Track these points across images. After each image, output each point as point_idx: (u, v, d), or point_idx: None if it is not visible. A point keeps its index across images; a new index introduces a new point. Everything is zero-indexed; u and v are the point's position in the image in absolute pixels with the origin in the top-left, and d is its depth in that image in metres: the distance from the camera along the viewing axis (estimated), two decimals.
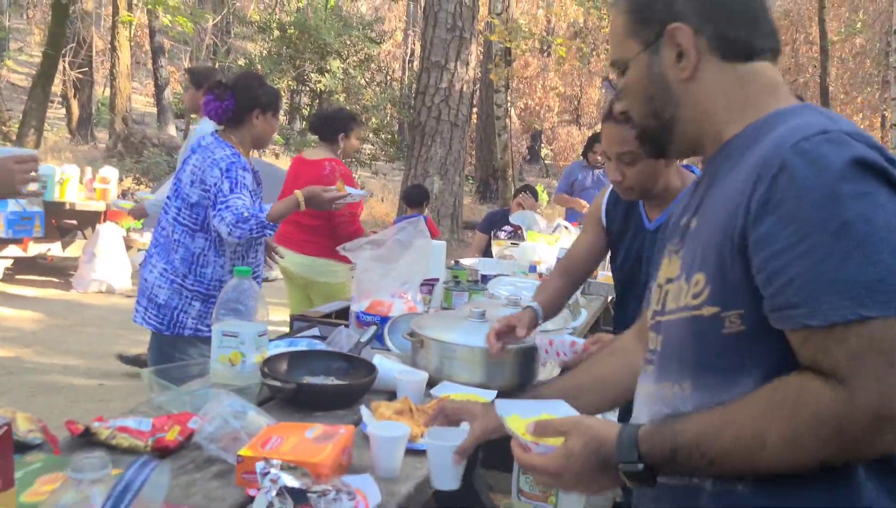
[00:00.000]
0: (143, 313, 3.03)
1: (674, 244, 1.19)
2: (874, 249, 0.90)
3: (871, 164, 0.95)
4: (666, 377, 1.14)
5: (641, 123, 1.21)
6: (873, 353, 0.90)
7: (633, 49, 1.17)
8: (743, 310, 1.01)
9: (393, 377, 2.04)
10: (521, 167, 24.61)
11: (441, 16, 10.19)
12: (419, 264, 2.82)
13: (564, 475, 1.09)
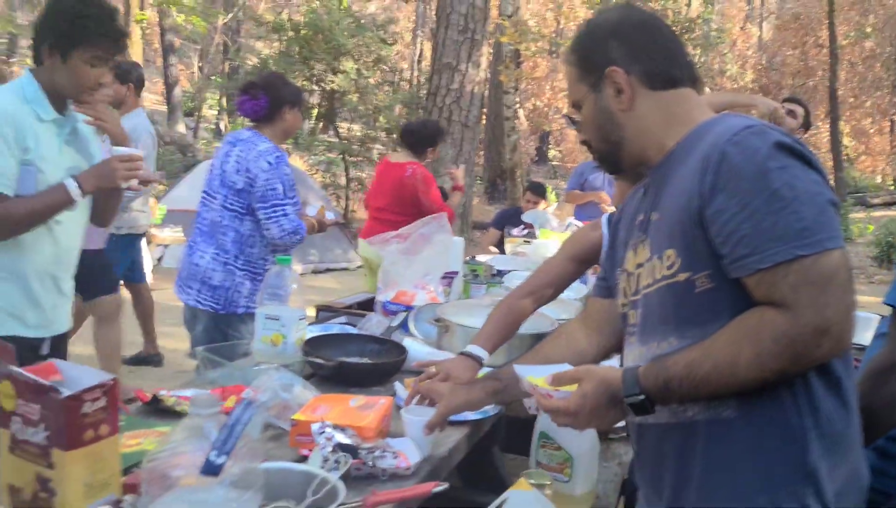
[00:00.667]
0: (197, 296, 3.26)
1: (637, 238, 1.46)
2: (799, 207, 1.20)
3: (787, 145, 1.25)
4: (651, 338, 1.40)
5: (597, 147, 1.52)
6: (808, 283, 1.18)
7: (583, 91, 1.48)
8: (709, 271, 1.28)
9: (422, 358, 2.24)
10: (529, 168, 24.76)
11: (453, 18, 10.36)
12: (440, 258, 3.01)
13: (581, 412, 1.35)
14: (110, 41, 2.22)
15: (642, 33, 1.45)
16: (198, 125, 24.67)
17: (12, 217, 2.17)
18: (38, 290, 2.29)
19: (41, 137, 2.22)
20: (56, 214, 2.24)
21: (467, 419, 1.92)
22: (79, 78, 2.21)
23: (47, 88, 2.24)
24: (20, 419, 1.26)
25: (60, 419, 1.21)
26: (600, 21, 1.52)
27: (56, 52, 2.19)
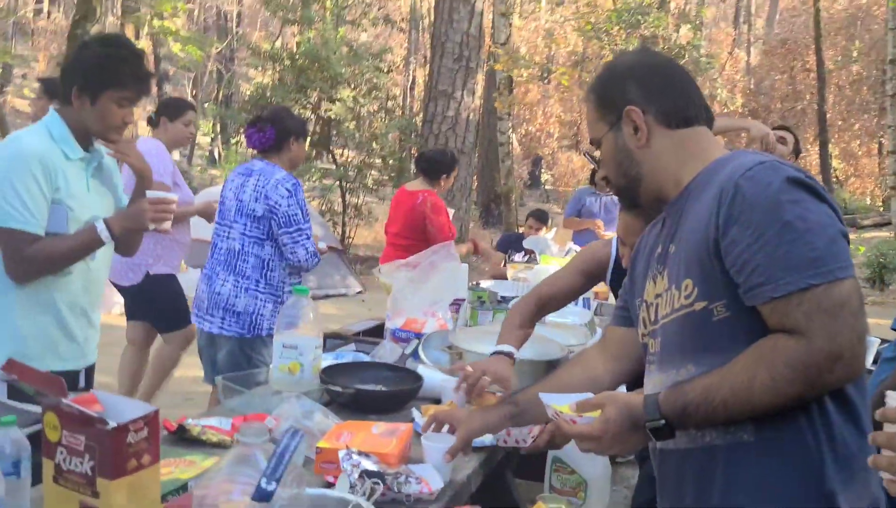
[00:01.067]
0: (221, 324, 3.35)
1: (655, 269, 1.52)
2: (811, 238, 1.26)
3: (799, 180, 1.31)
4: (670, 366, 1.44)
5: (616, 183, 1.59)
6: (820, 311, 1.24)
7: (603, 129, 1.55)
8: (726, 300, 1.33)
9: (437, 385, 2.29)
10: (523, 193, 24.91)
11: (448, 46, 10.51)
12: (449, 285, 3.07)
13: (604, 437, 1.41)
14: (139, 83, 2.27)
15: (658, 75, 1.53)
16: (192, 153, 24.79)
17: (46, 258, 2.21)
18: (72, 323, 2.33)
19: (69, 176, 2.27)
20: (86, 254, 2.29)
21: (483, 444, 1.97)
22: (107, 118, 2.26)
23: (74, 127, 2.29)
24: (65, 450, 1.30)
25: (106, 449, 1.26)
26: (619, 63, 1.61)
27: (85, 94, 2.23)
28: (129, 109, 2.29)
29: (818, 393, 1.29)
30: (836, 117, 23.99)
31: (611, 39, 14.78)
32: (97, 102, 2.24)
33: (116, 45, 2.29)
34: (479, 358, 2.39)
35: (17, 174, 2.16)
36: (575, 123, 29.76)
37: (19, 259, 2.18)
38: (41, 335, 2.26)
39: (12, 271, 2.20)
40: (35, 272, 2.23)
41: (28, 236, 2.17)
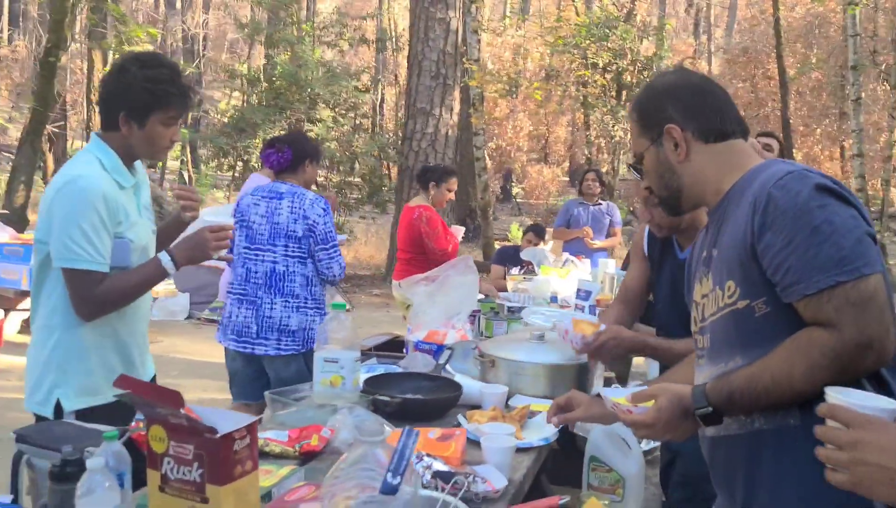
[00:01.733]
0: (276, 345, 3.46)
1: (702, 272, 1.67)
2: (838, 239, 1.39)
3: (826, 186, 1.44)
4: (719, 359, 1.58)
5: (659, 193, 1.74)
6: (849, 305, 1.37)
7: (645, 144, 1.70)
8: (765, 297, 1.47)
9: (476, 392, 2.38)
10: (495, 206, 25.08)
11: (425, 64, 10.66)
12: (467, 297, 3.16)
13: (657, 424, 1.56)
14: (182, 100, 2.27)
15: (696, 94, 1.66)
16: (163, 176, 24.65)
17: (115, 296, 2.23)
18: (133, 350, 2.36)
19: (127, 207, 2.28)
20: (152, 287, 2.33)
21: (532, 445, 2.07)
22: (156, 140, 2.26)
23: (120, 152, 2.28)
24: (172, 460, 1.38)
25: (215, 456, 1.34)
26: (658, 83, 1.76)
27: (133, 119, 2.22)
28: (174, 127, 2.29)
29: (851, 379, 1.39)
30: (799, 123, 24.52)
31: (580, 53, 15.04)
32: (145, 126, 2.23)
33: (156, 66, 2.26)
34: (514, 365, 2.50)
35: (83, 214, 2.15)
36: (543, 136, 30.09)
37: (89, 299, 2.18)
38: (105, 367, 2.27)
39: (81, 310, 2.20)
40: (104, 311, 2.23)
41: (97, 275, 2.17)
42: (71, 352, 2.24)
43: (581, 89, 16.00)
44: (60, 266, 2.18)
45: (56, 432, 1.83)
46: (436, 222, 5.05)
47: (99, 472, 1.30)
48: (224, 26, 33.08)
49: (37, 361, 2.28)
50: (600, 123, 16.70)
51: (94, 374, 2.25)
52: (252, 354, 3.50)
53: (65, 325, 2.23)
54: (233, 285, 3.57)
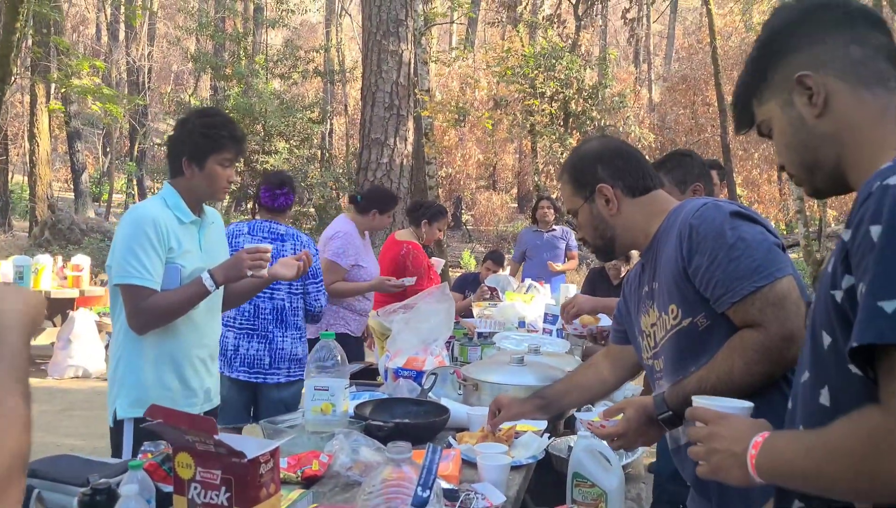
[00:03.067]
0: (287, 373, 3.79)
1: (646, 305, 1.93)
2: (752, 252, 1.64)
3: (735, 212, 1.70)
4: (676, 375, 1.81)
5: (594, 242, 1.99)
6: (769, 305, 1.60)
7: (579, 202, 1.95)
8: (704, 312, 1.71)
9: (463, 414, 2.48)
10: (446, 234, 25.26)
11: (378, 96, 10.80)
12: (445, 324, 3.26)
13: (627, 433, 1.82)
14: (236, 143, 2.60)
15: (620, 156, 1.93)
16: (108, 210, 24.29)
17: (159, 308, 2.47)
18: (189, 373, 2.59)
19: (182, 238, 2.55)
20: (196, 304, 2.55)
21: (522, 463, 2.17)
22: (214, 180, 2.57)
23: (185, 195, 2.59)
24: (199, 485, 1.45)
25: (244, 480, 1.41)
26: (586, 149, 2.01)
27: (193, 162, 2.55)
28: (230, 169, 2.61)
29: (783, 369, 1.62)
30: (738, 148, 25.31)
31: (528, 82, 15.38)
32: (204, 168, 2.55)
33: (212, 115, 2.62)
34: (496, 388, 2.60)
35: (135, 237, 2.45)
36: (491, 164, 30.48)
37: (137, 312, 2.44)
38: (160, 384, 2.52)
39: (132, 323, 2.46)
40: (150, 323, 2.48)
41: (144, 290, 2.44)
42: (130, 367, 2.52)
43: (529, 118, 16.33)
44: (115, 284, 2.48)
45: (64, 465, 1.87)
46: (421, 261, 5.13)
47: (133, 499, 1.36)
48: (169, 58, 32.87)
49: (111, 379, 2.59)
50: (548, 150, 17.04)
51: (149, 389, 2.51)
52: (263, 383, 3.74)
53: (128, 342, 2.53)
54: (236, 320, 3.74)
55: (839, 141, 1.22)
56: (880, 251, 0.97)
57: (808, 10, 1.27)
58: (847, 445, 1.00)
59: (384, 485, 1.25)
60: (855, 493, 1.03)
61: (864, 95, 1.21)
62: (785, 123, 1.28)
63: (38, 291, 2.54)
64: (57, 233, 17.07)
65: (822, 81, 1.23)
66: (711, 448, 1.28)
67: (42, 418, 5.95)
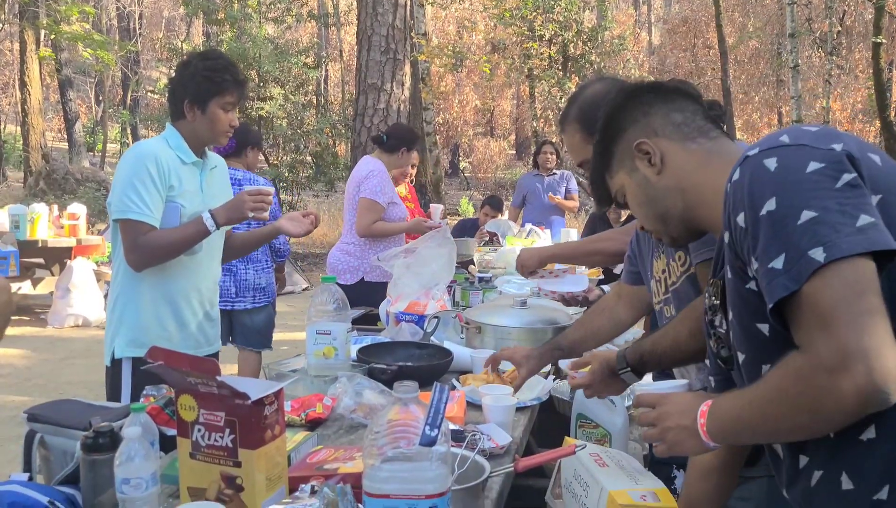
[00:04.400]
0: (253, 300, 4.40)
1: (659, 250, 1.92)
2: None
3: None
4: None
5: None
6: None
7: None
8: None
9: (466, 357, 2.46)
10: (444, 181, 25.12)
11: (375, 39, 10.61)
12: (446, 268, 3.23)
13: (593, 384, 1.87)
14: (238, 87, 2.55)
15: None
16: (103, 159, 24.10)
17: (157, 245, 2.46)
18: (187, 315, 2.59)
19: (183, 178, 2.53)
20: (195, 243, 2.54)
21: (526, 404, 2.16)
22: (216, 124, 2.54)
23: (188, 137, 2.57)
24: (203, 427, 1.43)
25: (248, 422, 1.39)
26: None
27: (195, 105, 2.52)
28: (232, 113, 2.57)
29: None
30: (738, 91, 25.10)
31: (527, 25, 15.14)
32: (206, 111, 2.52)
33: (214, 58, 2.59)
34: (499, 331, 2.59)
35: (136, 173, 2.43)
36: (489, 109, 30.21)
37: (135, 247, 2.43)
38: (157, 324, 2.52)
39: (129, 258, 2.46)
40: (148, 259, 2.47)
41: (143, 225, 2.43)
42: (128, 305, 2.53)
43: (527, 62, 16.12)
44: (115, 218, 2.47)
45: (66, 409, 1.86)
46: None
47: (136, 441, 1.34)
48: (160, 3, 32.28)
49: (109, 318, 2.60)
50: (547, 95, 16.85)
51: (147, 329, 2.52)
52: (232, 310, 4.30)
53: (125, 280, 2.53)
54: None
55: (680, 189, 1.43)
56: (752, 230, 1.11)
57: (632, 94, 1.50)
58: (781, 388, 1.09)
59: (390, 426, 1.23)
60: (800, 429, 1.11)
61: (691, 147, 1.43)
62: (634, 186, 1.47)
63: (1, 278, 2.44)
64: (52, 183, 16.96)
65: (656, 144, 1.43)
66: (664, 428, 1.33)
67: (43, 367, 5.98)
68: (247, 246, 3.11)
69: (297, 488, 1.36)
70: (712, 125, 1.46)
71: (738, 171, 1.16)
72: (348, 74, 24.14)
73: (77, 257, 7.39)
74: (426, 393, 2.06)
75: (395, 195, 4.60)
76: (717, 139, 1.46)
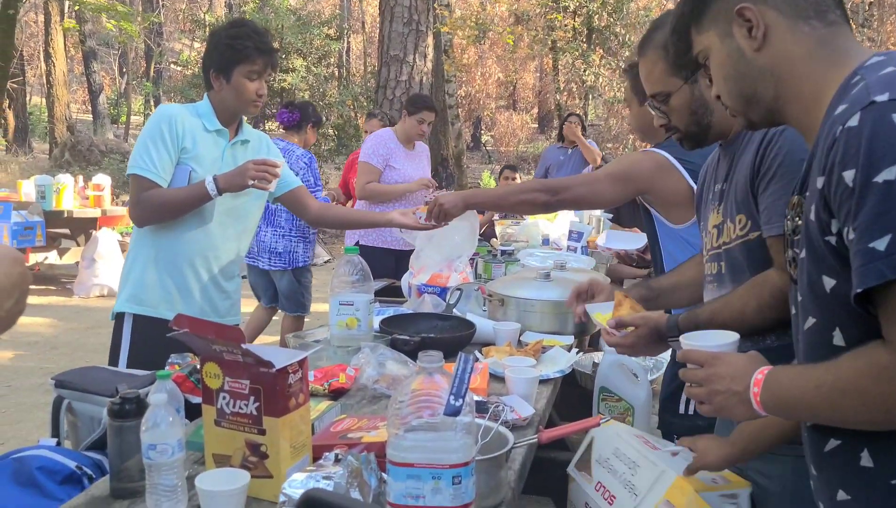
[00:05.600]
0: (268, 262, 4.87)
1: (713, 204, 1.76)
2: None
3: None
4: (729, 287, 1.68)
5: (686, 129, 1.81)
6: None
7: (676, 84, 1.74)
8: None
9: (489, 329, 2.46)
10: (464, 154, 25.02)
11: (397, 10, 10.52)
12: (469, 240, 3.22)
13: (635, 346, 1.77)
14: (264, 55, 2.52)
15: None
16: (127, 131, 24.24)
17: (157, 203, 2.47)
18: (192, 282, 2.58)
19: (200, 142, 2.53)
20: (195, 206, 2.52)
21: (549, 376, 2.15)
22: (242, 93, 2.53)
23: (217, 107, 2.57)
24: (228, 395, 1.43)
25: (273, 389, 1.39)
26: None
27: (220, 74, 2.52)
28: (259, 82, 2.54)
29: None
30: None
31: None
32: (231, 80, 2.51)
33: (239, 26, 2.56)
34: (523, 303, 2.58)
35: (150, 132, 2.47)
36: (512, 82, 29.97)
37: (137, 202, 2.47)
38: (159, 285, 2.55)
39: (132, 213, 2.52)
40: (148, 216, 2.50)
41: (147, 182, 2.45)
42: (136, 264, 2.57)
43: (550, 34, 15.93)
44: (127, 174, 2.53)
45: (92, 376, 1.88)
46: None
47: (162, 407, 1.35)
48: None
49: (122, 274, 2.64)
50: (571, 67, 16.69)
51: (148, 288, 2.54)
52: (257, 267, 4.90)
53: (137, 238, 2.60)
54: None
55: (777, 75, 1.21)
56: (860, 195, 0.98)
57: None
58: (858, 383, 1.03)
59: (414, 395, 1.23)
60: (871, 424, 1.06)
61: (802, 28, 1.19)
62: (724, 55, 1.27)
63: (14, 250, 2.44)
64: (77, 154, 17.10)
65: (762, 14, 1.21)
66: (712, 390, 1.27)
67: (69, 335, 6.06)
68: (356, 224, 3.57)
69: (321, 456, 1.36)
70: (833, 4, 1.21)
71: (858, 117, 1.00)
72: (370, 46, 24.01)
73: (102, 227, 7.46)
74: (449, 364, 2.07)
75: (395, 160, 4.79)
76: (835, 25, 1.20)
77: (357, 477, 1.28)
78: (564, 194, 2.41)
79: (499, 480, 1.47)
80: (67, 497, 1.51)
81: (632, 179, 2.34)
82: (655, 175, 2.30)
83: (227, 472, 1.38)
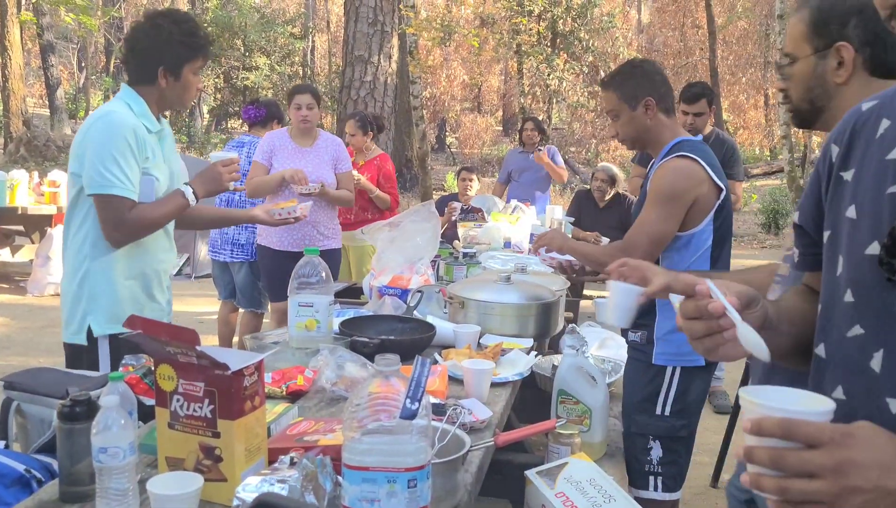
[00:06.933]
0: (230, 254, 4.97)
1: None
2: None
3: None
4: None
5: (797, 104, 1.67)
6: None
7: (805, 51, 1.61)
8: None
9: (448, 332, 2.46)
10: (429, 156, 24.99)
11: (362, 11, 10.51)
12: (431, 243, 3.22)
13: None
14: (208, 49, 2.51)
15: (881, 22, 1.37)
16: None
17: (143, 222, 2.42)
18: (155, 286, 2.54)
19: (152, 147, 2.47)
20: (175, 217, 2.51)
21: (508, 379, 2.16)
22: (188, 89, 2.49)
23: (156, 103, 2.49)
24: (182, 397, 1.41)
25: (228, 392, 1.38)
26: None
27: (170, 72, 2.44)
28: (199, 76, 2.53)
29: None
30: (725, 72, 25.08)
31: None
32: (181, 77, 2.45)
33: (185, 21, 2.49)
34: (483, 306, 2.58)
35: (115, 144, 2.33)
36: (477, 85, 30.03)
37: (119, 224, 2.36)
38: (132, 299, 2.46)
39: (112, 235, 2.37)
40: (132, 236, 2.42)
41: (128, 201, 2.36)
42: (101, 281, 2.43)
43: (515, 37, 16.01)
44: (93, 193, 2.36)
45: (43, 378, 1.84)
46: None
47: (114, 409, 1.33)
48: None
49: (69, 292, 2.48)
50: (535, 71, 16.77)
51: (122, 303, 2.45)
52: (214, 260, 5.05)
53: (95, 255, 2.42)
54: None
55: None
56: None
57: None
58: None
59: (371, 398, 1.22)
60: None
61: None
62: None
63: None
64: (33, 149, 16.77)
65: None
66: (847, 487, 0.81)
67: (22, 335, 5.93)
68: (215, 223, 3.37)
69: (276, 459, 1.35)
70: None
71: None
72: (335, 46, 23.88)
73: (57, 224, 7.31)
74: (408, 367, 2.07)
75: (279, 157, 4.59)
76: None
77: (312, 481, 1.27)
78: None
79: (455, 482, 1.48)
80: (15, 501, 1.47)
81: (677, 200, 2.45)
82: (694, 188, 2.43)
83: (179, 476, 1.36)
